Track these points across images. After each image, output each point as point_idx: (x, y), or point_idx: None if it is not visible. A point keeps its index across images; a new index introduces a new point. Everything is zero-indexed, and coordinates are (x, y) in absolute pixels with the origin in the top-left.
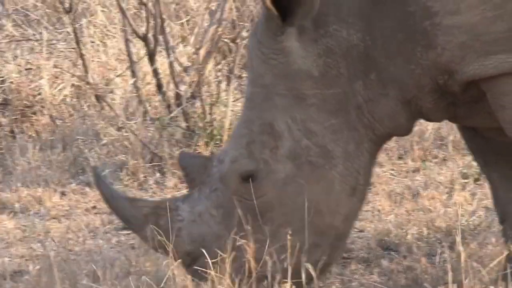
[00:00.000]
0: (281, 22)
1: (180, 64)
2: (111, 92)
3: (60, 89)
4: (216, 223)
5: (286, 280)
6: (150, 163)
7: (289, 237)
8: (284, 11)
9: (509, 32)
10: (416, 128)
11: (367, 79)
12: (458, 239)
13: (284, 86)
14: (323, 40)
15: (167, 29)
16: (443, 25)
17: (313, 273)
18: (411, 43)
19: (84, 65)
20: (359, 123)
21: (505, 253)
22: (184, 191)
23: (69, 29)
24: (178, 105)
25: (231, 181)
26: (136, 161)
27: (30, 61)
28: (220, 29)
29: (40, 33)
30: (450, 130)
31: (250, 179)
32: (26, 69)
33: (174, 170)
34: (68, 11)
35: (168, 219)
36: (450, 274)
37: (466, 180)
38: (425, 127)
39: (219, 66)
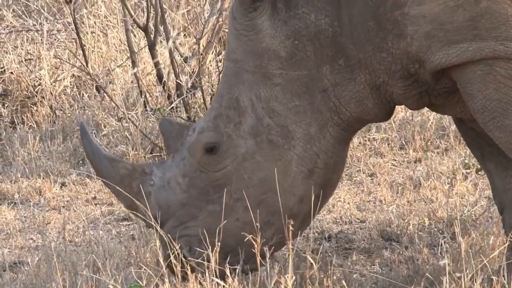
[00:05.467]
0: None
1: (181, 55)
2: (111, 82)
3: (60, 80)
4: (181, 191)
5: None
6: (151, 153)
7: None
8: None
9: (470, 21)
10: (417, 118)
11: (335, 64)
12: (458, 229)
13: (252, 63)
14: (292, 21)
15: (168, 20)
16: (411, 15)
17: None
18: (382, 32)
19: (84, 56)
20: (324, 106)
21: (507, 243)
22: None
23: (70, 20)
24: (179, 95)
25: (195, 151)
26: (136, 152)
27: (30, 51)
28: (220, 19)
29: (41, 23)
30: (452, 120)
31: (212, 151)
32: (26, 60)
33: None
34: (68, 2)
35: (139, 183)
36: (446, 262)
37: (467, 170)
38: (426, 117)
39: (220, 57)
